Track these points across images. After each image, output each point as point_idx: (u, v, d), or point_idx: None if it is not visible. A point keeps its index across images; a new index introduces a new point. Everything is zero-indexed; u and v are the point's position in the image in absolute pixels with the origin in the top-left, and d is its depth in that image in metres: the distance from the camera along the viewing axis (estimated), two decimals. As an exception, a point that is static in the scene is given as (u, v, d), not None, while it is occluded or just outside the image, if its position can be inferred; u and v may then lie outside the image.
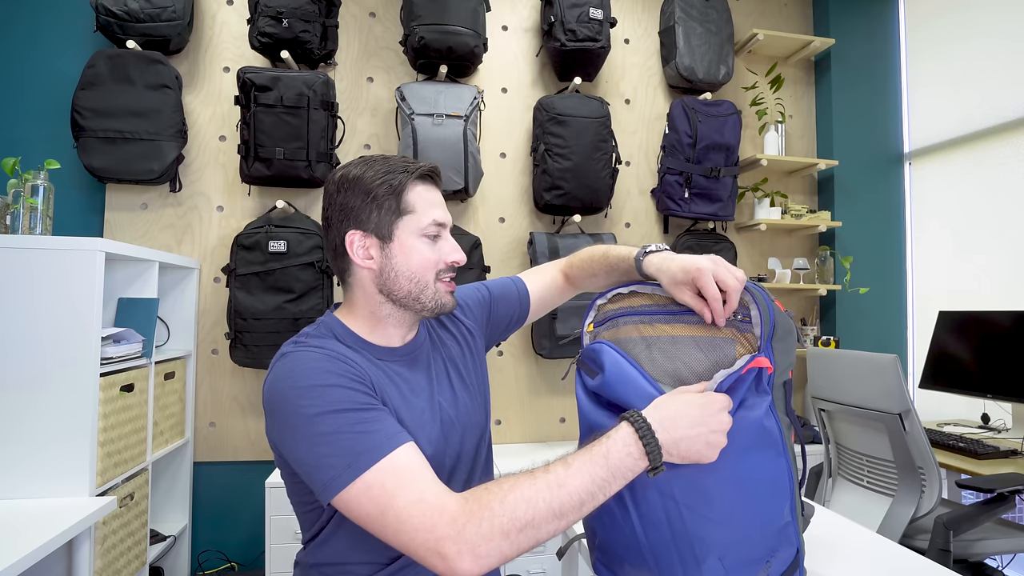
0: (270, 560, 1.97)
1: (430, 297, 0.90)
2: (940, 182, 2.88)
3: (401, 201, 0.88)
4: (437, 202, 0.92)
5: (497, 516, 0.66)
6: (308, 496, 0.84)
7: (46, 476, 1.51)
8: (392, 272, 0.88)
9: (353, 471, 0.70)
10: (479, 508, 0.67)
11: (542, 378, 2.66)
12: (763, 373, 0.76)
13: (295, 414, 0.75)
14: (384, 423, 0.76)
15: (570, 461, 0.70)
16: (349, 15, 2.56)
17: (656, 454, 0.70)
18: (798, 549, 0.80)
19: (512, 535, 0.66)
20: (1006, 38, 2.56)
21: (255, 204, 2.43)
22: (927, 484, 1.74)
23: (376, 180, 0.88)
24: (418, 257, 0.88)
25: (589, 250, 1.07)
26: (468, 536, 0.66)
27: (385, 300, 0.90)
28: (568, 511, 0.68)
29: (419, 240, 0.89)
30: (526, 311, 1.14)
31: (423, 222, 0.89)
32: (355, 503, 0.70)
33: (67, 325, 1.53)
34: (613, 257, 0.98)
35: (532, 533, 0.67)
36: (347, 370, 0.79)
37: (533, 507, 0.67)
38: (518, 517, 0.66)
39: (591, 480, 0.69)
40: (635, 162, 2.79)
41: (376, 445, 0.72)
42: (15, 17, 2.31)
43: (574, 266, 1.10)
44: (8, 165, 1.64)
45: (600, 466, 0.69)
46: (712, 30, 2.73)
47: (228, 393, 2.37)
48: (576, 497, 0.68)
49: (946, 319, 2.41)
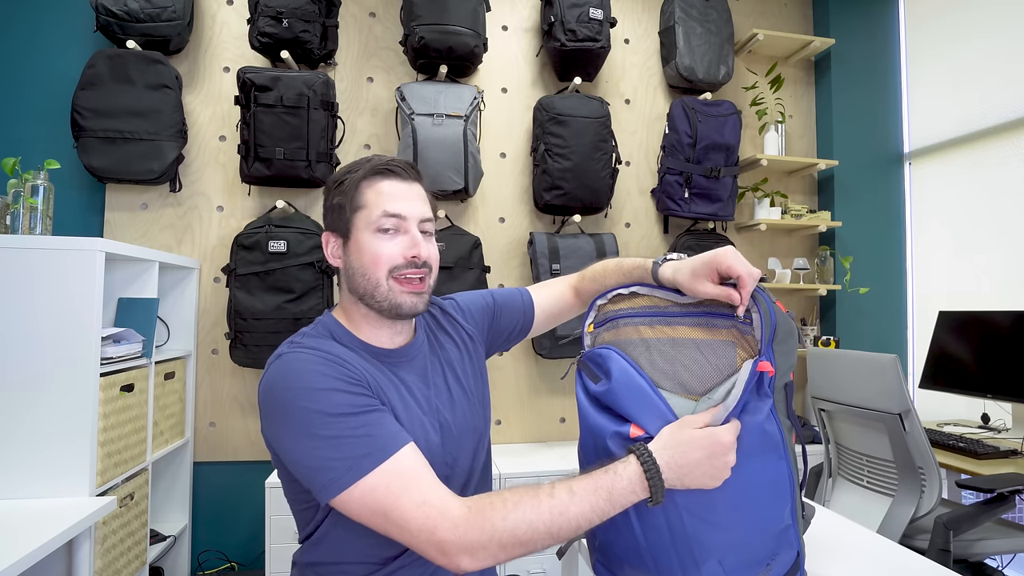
0: (270, 560, 1.97)
1: (383, 295, 0.86)
2: (940, 182, 2.88)
3: (355, 198, 0.87)
4: (400, 195, 0.87)
5: (498, 531, 0.69)
6: (304, 494, 0.84)
7: (46, 476, 1.51)
8: (351, 270, 0.88)
9: (355, 474, 0.71)
10: (481, 520, 0.69)
11: (542, 378, 2.66)
12: (764, 376, 0.76)
13: (293, 416, 0.74)
14: (385, 425, 0.76)
15: (575, 489, 0.72)
16: (349, 15, 2.56)
17: (659, 492, 0.72)
18: (798, 552, 0.80)
19: (509, 549, 0.69)
20: (1006, 38, 2.56)
21: (255, 204, 2.43)
22: (927, 484, 1.74)
23: (339, 179, 0.89)
24: (369, 253, 0.86)
25: (602, 263, 1.04)
26: (468, 542, 0.69)
27: (358, 300, 0.89)
28: (565, 534, 0.71)
29: (373, 236, 0.86)
30: (529, 323, 1.12)
31: (373, 215, 0.86)
32: (356, 504, 0.71)
33: (67, 325, 1.53)
34: (627, 265, 0.96)
35: (528, 549, 0.71)
36: (344, 373, 0.79)
37: (533, 529, 0.69)
38: (518, 536, 0.69)
39: (591, 510, 0.71)
40: (635, 162, 2.79)
41: (378, 448, 0.72)
42: (15, 17, 2.31)
43: (586, 279, 1.07)
44: (8, 165, 1.64)
45: (603, 499, 0.71)
46: (712, 30, 2.72)
47: (228, 393, 2.37)
48: (575, 523, 0.71)
49: (946, 319, 2.41)
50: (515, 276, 2.65)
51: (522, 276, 2.65)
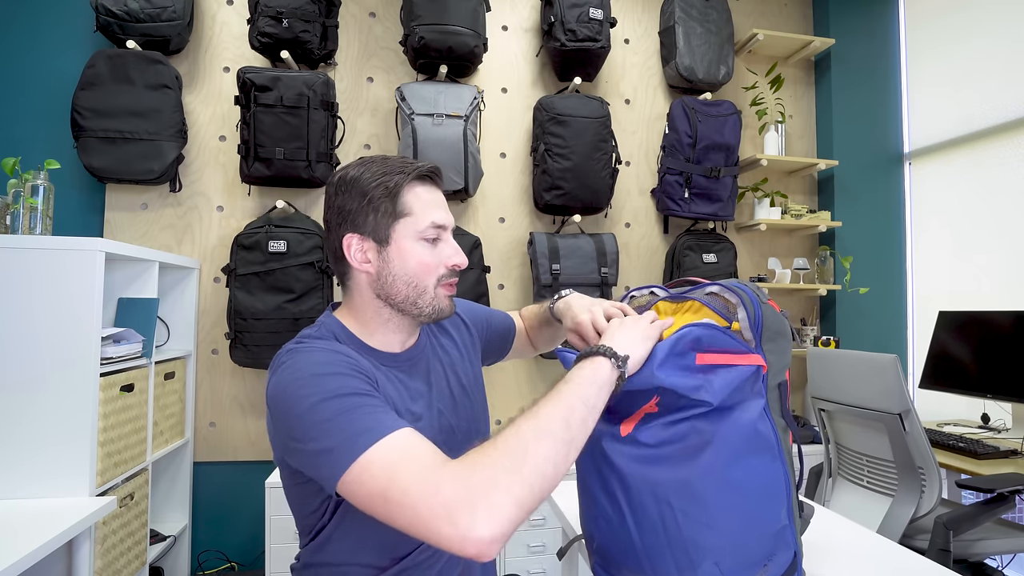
0: (270, 560, 1.97)
1: (428, 302, 0.88)
2: (940, 182, 2.88)
3: (398, 203, 0.86)
4: (437, 203, 0.90)
5: (494, 457, 0.64)
6: (307, 500, 0.84)
7: (46, 476, 1.51)
8: (390, 276, 0.86)
9: (356, 450, 0.68)
10: (478, 457, 0.65)
11: (542, 378, 2.66)
12: (759, 372, 0.76)
13: (298, 404, 0.73)
14: (384, 409, 0.74)
15: (549, 393, 0.73)
16: (349, 15, 2.56)
17: (607, 350, 0.75)
18: (795, 552, 0.80)
19: (514, 472, 0.63)
20: (1006, 38, 2.55)
21: (255, 204, 2.43)
22: (927, 484, 1.74)
23: (373, 182, 0.86)
24: (416, 261, 0.86)
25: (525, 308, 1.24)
26: (476, 486, 0.61)
27: (384, 305, 0.89)
28: (554, 427, 0.67)
29: (417, 243, 0.87)
30: (507, 347, 1.19)
31: (421, 225, 0.86)
32: (357, 483, 0.67)
33: (67, 325, 1.53)
34: (537, 308, 1.18)
35: (532, 462, 0.64)
36: (348, 362, 0.78)
37: (519, 434, 0.66)
38: (511, 448, 0.65)
39: (558, 395, 0.71)
40: (635, 162, 2.79)
41: (377, 425, 0.70)
42: (15, 17, 2.31)
43: (524, 318, 1.22)
44: (8, 165, 1.64)
45: (560, 384, 0.73)
46: (712, 30, 2.72)
47: (228, 393, 2.37)
48: (556, 414, 0.68)
49: (946, 319, 2.41)
50: (515, 276, 2.65)
51: (522, 276, 2.65)
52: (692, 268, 2.63)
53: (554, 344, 1.22)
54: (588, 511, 0.85)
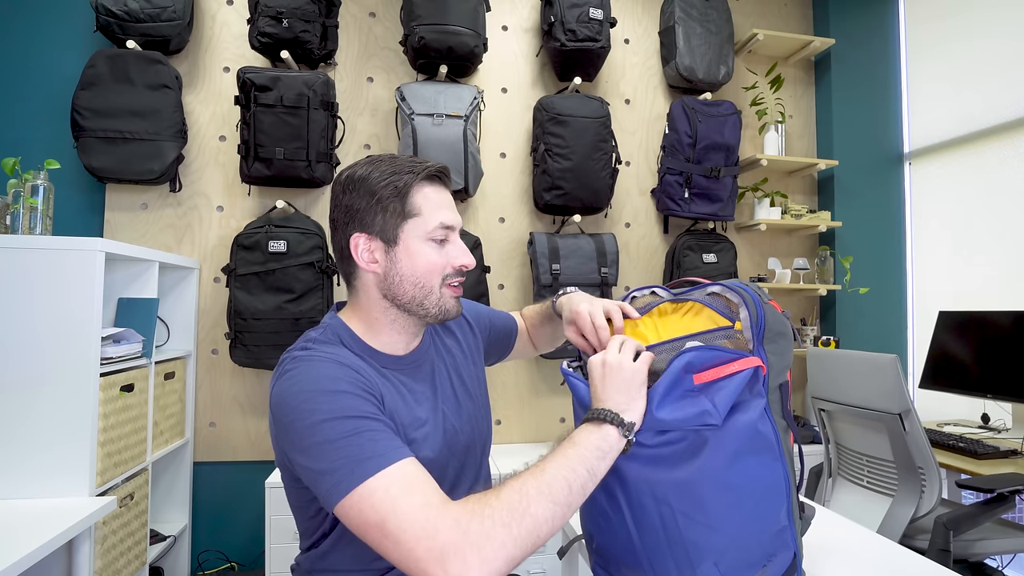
0: (270, 560, 1.97)
1: (434, 303, 0.88)
2: (940, 182, 2.87)
3: (406, 203, 0.85)
4: (445, 204, 0.89)
5: (495, 509, 0.65)
6: (309, 503, 0.84)
7: (46, 476, 1.51)
8: (397, 277, 0.86)
9: (357, 477, 0.68)
10: (479, 506, 0.66)
11: (542, 378, 2.66)
12: (758, 374, 0.76)
13: (303, 419, 0.73)
14: (389, 436, 0.74)
15: (555, 453, 0.73)
16: (349, 15, 2.56)
17: (615, 418, 0.73)
18: (795, 553, 0.80)
19: (512, 526, 0.65)
20: (1006, 38, 2.55)
21: (255, 204, 2.43)
22: (927, 484, 1.74)
23: (381, 181, 0.85)
24: (424, 261, 0.86)
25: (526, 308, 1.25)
26: (472, 536, 0.63)
27: (390, 305, 0.88)
28: (555, 490, 0.68)
29: (425, 244, 0.86)
30: (510, 347, 1.19)
31: (430, 225, 0.86)
32: (356, 509, 0.68)
33: (67, 325, 1.53)
34: (538, 306, 1.19)
35: (529, 522, 0.65)
36: (357, 379, 0.78)
37: (522, 491, 0.67)
38: (512, 504, 0.66)
39: (564, 458, 0.71)
40: (635, 162, 2.79)
41: (382, 452, 0.70)
42: (15, 17, 2.31)
43: (526, 317, 1.23)
44: (8, 165, 1.64)
45: (568, 446, 0.72)
46: (712, 30, 2.72)
47: (228, 393, 2.37)
48: (559, 475, 0.69)
49: (946, 319, 2.41)
50: (515, 276, 2.65)
51: (522, 276, 2.65)
52: (692, 268, 2.63)
53: (554, 343, 1.22)
54: (588, 511, 0.85)
